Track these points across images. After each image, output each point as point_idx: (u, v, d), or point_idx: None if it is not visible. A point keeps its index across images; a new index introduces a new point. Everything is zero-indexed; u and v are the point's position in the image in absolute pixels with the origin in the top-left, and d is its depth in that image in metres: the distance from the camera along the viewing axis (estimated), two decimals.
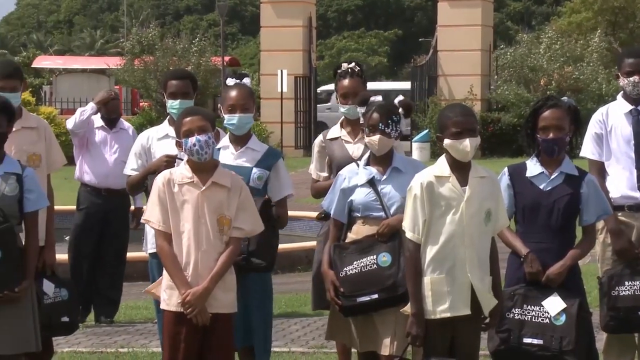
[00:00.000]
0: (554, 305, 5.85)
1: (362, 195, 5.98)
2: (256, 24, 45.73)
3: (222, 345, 5.57)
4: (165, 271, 5.61)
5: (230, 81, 6.55)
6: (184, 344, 5.49)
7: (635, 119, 6.77)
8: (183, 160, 5.76)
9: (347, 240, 6.01)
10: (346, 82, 6.94)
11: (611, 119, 6.83)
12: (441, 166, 5.59)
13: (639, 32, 45.01)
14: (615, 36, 42.42)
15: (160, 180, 5.59)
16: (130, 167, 7.01)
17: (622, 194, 6.74)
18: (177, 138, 5.66)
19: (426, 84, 35.27)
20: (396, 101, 6.12)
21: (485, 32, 34.27)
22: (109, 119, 9.80)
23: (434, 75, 34.68)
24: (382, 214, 5.94)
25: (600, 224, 6.52)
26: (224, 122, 6.39)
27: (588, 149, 6.88)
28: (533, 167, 6.03)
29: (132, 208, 9.98)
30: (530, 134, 6.04)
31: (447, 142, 5.53)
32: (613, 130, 6.81)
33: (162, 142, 6.84)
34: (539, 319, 5.84)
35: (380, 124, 5.93)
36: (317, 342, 8.57)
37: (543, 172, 6.00)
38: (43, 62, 53.25)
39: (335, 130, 7.03)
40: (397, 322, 5.73)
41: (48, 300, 6.43)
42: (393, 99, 6.17)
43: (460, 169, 5.56)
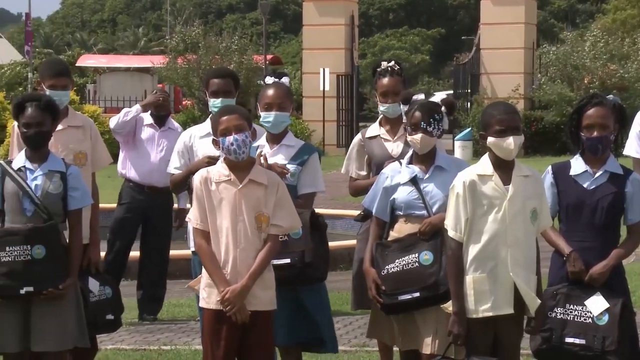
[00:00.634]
0: (596, 304, 5.81)
1: (404, 194, 5.97)
2: (298, 22, 45.77)
3: (261, 342, 5.58)
4: (204, 269, 5.62)
5: (268, 80, 6.56)
6: (223, 342, 5.50)
7: None
8: (220, 159, 5.76)
9: (389, 239, 6.01)
10: (385, 80, 6.93)
11: None
12: (484, 165, 5.57)
13: None
14: None
15: (197, 178, 5.61)
16: (174, 166, 7.04)
17: None
18: (214, 136, 5.67)
19: (469, 82, 35.13)
20: (439, 99, 6.11)
21: (529, 30, 34.07)
22: (158, 116, 9.82)
23: (476, 73, 34.52)
24: (424, 212, 5.93)
25: None
26: (261, 120, 6.40)
27: (632, 147, 6.83)
28: (577, 166, 6.00)
29: (176, 207, 10.01)
30: (575, 132, 6.00)
31: (490, 140, 5.51)
32: None
33: (205, 141, 6.85)
34: (582, 319, 5.81)
35: (422, 122, 5.92)
36: (359, 341, 8.56)
37: (587, 170, 5.96)
38: (87, 61, 53.65)
39: (374, 129, 7.03)
40: (439, 321, 5.72)
41: (93, 299, 6.46)
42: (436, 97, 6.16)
43: (503, 168, 5.54)
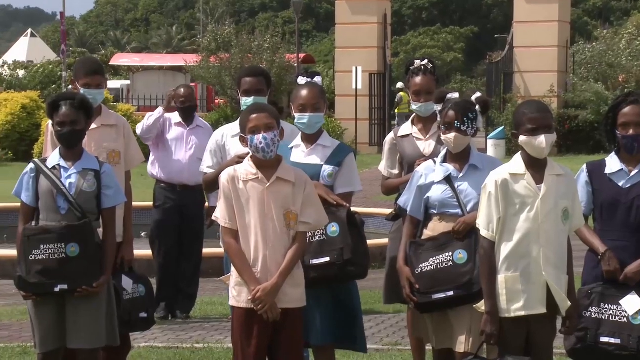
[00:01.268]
0: (632, 304, 5.78)
1: (438, 192, 5.95)
2: (331, 20, 45.78)
3: (292, 340, 5.58)
4: (233, 268, 5.63)
5: (301, 80, 6.52)
6: (254, 340, 5.50)
7: None
8: (247, 157, 5.74)
9: (423, 237, 5.99)
10: (418, 79, 6.91)
11: None
12: (516, 164, 5.55)
13: None
14: None
15: (224, 177, 5.61)
16: (206, 165, 7.05)
17: None
18: (242, 134, 5.67)
19: (502, 80, 35.00)
20: (473, 98, 6.08)
21: (563, 28, 33.88)
22: (185, 112, 9.82)
23: (509, 72, 34.38)
24: (458, 211, 5.91)
25: None
26: (295, 121, 6.38)
27: None
28: (612, 164, 5.97)
29: (207, 206, 10.03)
30: (610, 131, 5.97)
31: (522, 138, 5.49)
32: None
33: (237, 139, 6.83)
34: (617, 318, 5.78)
35: (456, 121, 5.90)
36: (392, 340, 8.55)
37: (622, 169, 5.93)
38: (121, 59, 53.99)
39: (406, 128, 7.01)
40: (473, 319, 5.70)
41: (127, 297, 6.48)
42: (470, 96, 6.13)
43: (536, 167, 5.51)
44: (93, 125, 6.50)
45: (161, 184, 9.86)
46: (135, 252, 6.88)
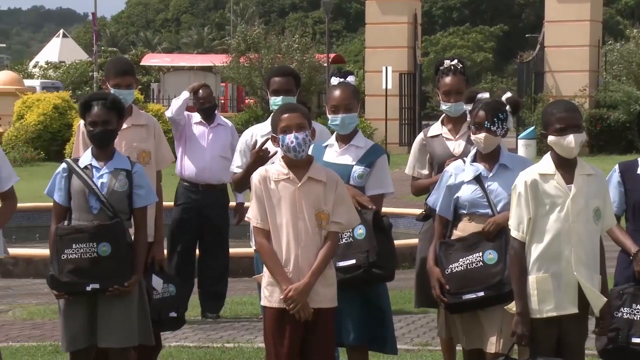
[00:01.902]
0: None
1: (468, 192, 5.94)
2: (361, 20, 45.76)
3: (324, 339, 5.57)
4: (265, 268, 5.63)
5: (334, 80, 6.51)
6: (287, 340, 5.50)
7: None
8: (276, 156, 5.74)
9: (453, 237, 5.98)
10: (448, 79, 6.89)
11: None
12: (546, 164, 5.53)
13: None
14: None
15: (256, 177, 5.61)
16: (236, 165, 7.06)
17: None
18: (273, 133, 5.68)
19: (533, 80, 34.86)
20: (504, 98, 6.06)
21: (594, 28, 33.72)
22: (205, 112, 9.84)
23: (540, 71, 34.25)
24: (488, 211, 5.89)
25: None
26: (329, 122, 6.38)
27: None
28: None
29: (233, 204, 10.03)
30: None
31: (551, 138, 5.47)
32: None
33: (266, 139, 6.86)
34: None
35: (486, 122, 5.88)
36: (422, 340, 8.54)
37: None
38: (151, 60, 54.20)
39: (436, 128, 7.00)
40: (504, 320, 5.68)
41: (157, 296, 6.50)
42: (500, 96, 6.12)
43: (565, 167, 5.49)
44: (124, 125, 6.52)
45: (184, 183, 9.85)
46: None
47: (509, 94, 6.13)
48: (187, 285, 9.65)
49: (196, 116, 9.85)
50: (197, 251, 9.97)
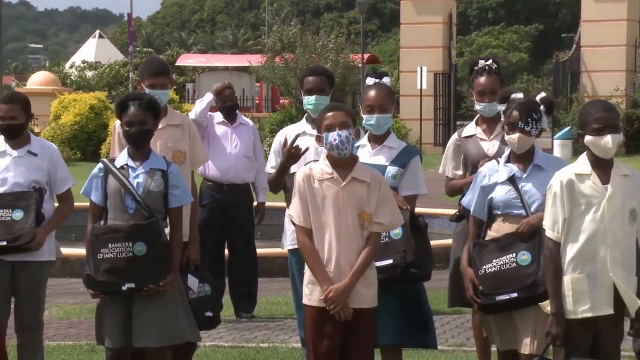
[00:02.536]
0: None
1: (502, 193, 5.92)
2: (396, 20, 45.68)
3: (364, 339, 5.58)
4: (306, 266, 5.65)
5: (369, 80, 6.52)
6: (326, 339, 5.51)
7: None
8: (323, 155, 5.73)
9: (486, 238, 5.96)
10: (482, 79, 6.88)
11: None
12: (582, 164, 5.50)
13: None
14: None
15: (300, 176, 5.63)
16: (270, 165, 7.08)
17: None
18: (318, 132, 5.69)
19: (568, 80, 34.69)
20: (538, 98, 6.05)
21: (631, 27, 33.51)
22: (226, 111, 9.82)
23: (576, 71, 34.08)
24: (522, 211, 5.87)
25: None
26: (363, 122, 6.39)
27: None
28: None
29: (255, 203, 10.04)
30: None
31: (588, 138, 5.45)
32: None
33: (300, 139, 6.88)
34: None
35: (520, 122, 5.86)
36: (457, 341, 8.52)
37: None
38: (187, 60, 54.36)
39: (470, 128, 6.99)
40: (538, 321, 5.66)
41: (193, 296, 6.51)
42: (535, 96, 6.10)
43: (601, 167, 5.46)
44: (159, 125, 6.55)
45: (208, 183, 9.84)
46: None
47: (543, 94, 6.11)
48: (219, 285, 9.66)
49: (218, 116, 9.87)
50: (225, 251, 9.98)
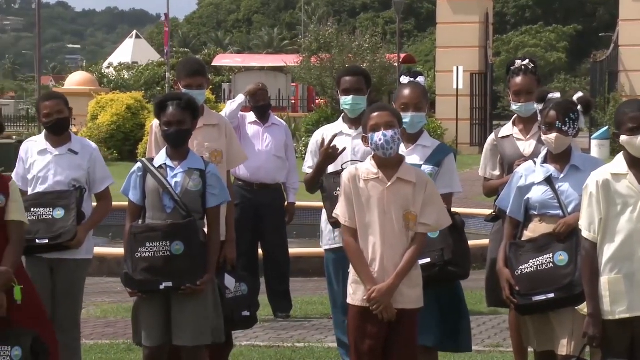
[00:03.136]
0: None
1: (539, 193, 5.90)
2: (432, 20, 45.61)
3: (407, 340, 5.57)
4: (351, 266, 5.65)
5: (404, 79, 6.53)
6: (368, 339, 5.52)
7: None
8: (369, 155, 5.73)
9: (523, 239, 5.95)
10: (519, 79, 6.86)
11: None
12: (618, 163, 5.48)
13: None
14: None
15: (346, 175, 5.65)
16: (307, 165, 7.09)
17: None
18: (364, 133, 5.69)
19: (606, 80, 34.47)
20: (575, 98, 6.02)
21: None
22: (259, 110, 9.86)
23: (614, 71, 33.86)
24: (559, 212, 5.85)
25: None
26: None
27: None
28: None
29: (286, 203, 10.05)
30: None
31: (623, 138, 5.42)
32: None
33: (337, 139, 6.88)
34: None
35: (558, 122, 5.84)
36: (493, 341, 8.50)
37: None
38: (223, 60, 54.53)
39: (507, 128, 6.97)
40: (575, 322, 5.64)
41: (230, 295, 6.53)
42: (572, 96, 6.07)
43: (638, 167, 5.43)
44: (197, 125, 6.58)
45: (239, 182, 9.85)
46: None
47: (580, 94, 6.08)
48: (254, 284, 9.68)
49: (250, 116, 9.87)
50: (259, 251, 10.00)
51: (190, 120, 6.18)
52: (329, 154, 6.66)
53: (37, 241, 6.51)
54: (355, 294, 5.58)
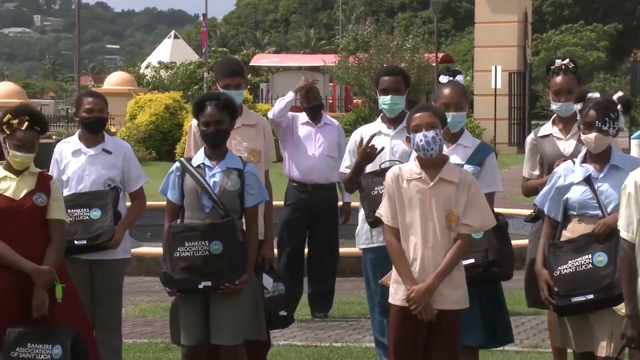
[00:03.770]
0: None
1: (578, 193, 5.87)
2: (470, 19, 45.45)
3: (447, 341, 5.54)
4: (393, 265, 5.65)
5: (443, 78, 6.51)
6: (409, 339, 5.51)
7: None
8: (413, 156, 5.72)
9: (562, 239, 5.91)
10: (559, 79, 6.82)
11: None
12: None
13: None
14: None
15: (389, 175, 5.64)
16: (345, 165, 7.10)
17: None
18: (407, 133, 5.69)
19: None
20: (615, 97, 5.97)
21: None
22: (312, 111, 9.84)
23: None
24: (598, 212, 5.81)
25: None
26: None
27: None
28: None
29: (341, 203, 10.05)
30: None
31: None
32: None
33: (375, 139, 6.88)
34: None
35: (597, 121, 5.80)
36: (532, 342, 8.46)
37: None
38: (261, 60, 54.67)
39: (546, 128, 6.94)
40: (615, 323, 5.59)
41: (267, 295, 6.54)
42: (612, 95, 6.03)
43: None
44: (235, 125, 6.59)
45: (293, 183, 9.88)
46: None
47: (620, 93, 6.03)
48: (298, 286, 9.70)
49: (303, 116, 9.86)
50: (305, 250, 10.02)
51: (228, 120, 6.20)
52: (368, 153, 6.66)
53: (76, 242, 6.55)
54: (397, 294, 5.58)
